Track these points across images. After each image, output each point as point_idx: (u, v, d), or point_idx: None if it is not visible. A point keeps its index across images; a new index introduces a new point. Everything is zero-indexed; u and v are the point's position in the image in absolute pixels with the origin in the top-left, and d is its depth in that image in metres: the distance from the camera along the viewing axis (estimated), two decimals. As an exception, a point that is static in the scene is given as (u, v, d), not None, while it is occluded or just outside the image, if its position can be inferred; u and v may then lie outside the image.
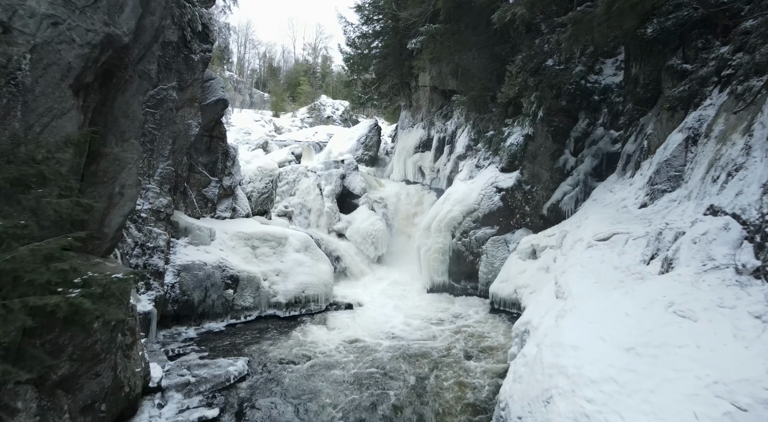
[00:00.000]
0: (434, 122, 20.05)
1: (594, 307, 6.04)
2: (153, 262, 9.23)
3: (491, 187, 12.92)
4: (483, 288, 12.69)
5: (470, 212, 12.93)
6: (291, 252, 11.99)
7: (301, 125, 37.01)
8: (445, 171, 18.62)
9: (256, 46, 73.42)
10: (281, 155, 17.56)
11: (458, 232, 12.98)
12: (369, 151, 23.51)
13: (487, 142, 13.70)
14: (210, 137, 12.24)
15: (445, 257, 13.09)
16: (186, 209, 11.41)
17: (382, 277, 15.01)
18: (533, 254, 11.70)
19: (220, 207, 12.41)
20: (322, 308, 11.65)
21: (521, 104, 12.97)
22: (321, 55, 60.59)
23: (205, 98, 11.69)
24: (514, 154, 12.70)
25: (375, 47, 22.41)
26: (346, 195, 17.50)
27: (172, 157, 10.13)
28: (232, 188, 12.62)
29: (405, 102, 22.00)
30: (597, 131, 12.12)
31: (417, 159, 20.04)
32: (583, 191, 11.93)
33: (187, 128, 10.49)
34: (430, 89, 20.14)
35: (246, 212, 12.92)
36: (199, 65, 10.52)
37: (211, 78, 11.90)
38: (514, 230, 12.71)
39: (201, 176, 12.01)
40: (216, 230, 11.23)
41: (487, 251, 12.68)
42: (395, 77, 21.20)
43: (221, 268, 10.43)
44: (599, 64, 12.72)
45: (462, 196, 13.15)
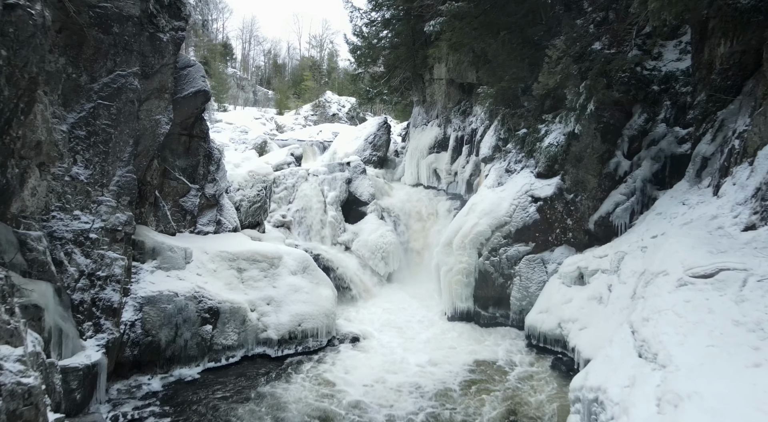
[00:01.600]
0: (451, 119, 17.95)
1: (728, 396, 3.96)
2: (105, 296, 7.21)
3: (525, 196, 10.80)
4: (516, 317, 10.59)
5: (500, 226, 10.81)
6: (285, 275, 9.95)
7: (304, 123, 34.96)
8: (464, 174, 16.55)
9: (261, 43, 71.66)
10: (279, 157, 15.55)
11: (486, 250, 10.87)
12: (377, 151, 21.44)
13: (519, 142, 11.58)
14: (189, 137, 10.22)
15: (469, 280, 10.99)
16: (157, 224, 9.39)
17: (393, 300, 12.94)
18: (580, 279, 9.58)
19: (202, 220, 10.39)
20: (322, 345, 9.60)
21: (562, 97, 10.82)
22: (327, 49, 58.56)
23: (181, 89, 9.67)
24: (554, 156, 10.57)
25: (384, 38, 20.33)
26: (353, 202, 15.44)
27: (135, 161, 8.11)
28: (216, 196, 10.59)
29: (418, 97, 19.90)
30: (657, 128, 9.95)
31: (432, 161, 17.95)
32: (640, 202, 9.77)
33: (155, 125, 8.47)
34: (446, 83, 18.03)
35: (233, 225, 10.89)
36: (169, 47, 8.49)
37: (189, 64, 9.87)
38: (553, 248, 10.59)
39: (178, 184, 9.99)
40: (193, 249, 9.20)
41: (521, 272, 10.57)
42: (407, 69, 19.11)
43: (197, 299, 8.40)
44: (658, 47, 10.56)
45: (490, 206, 11.03)
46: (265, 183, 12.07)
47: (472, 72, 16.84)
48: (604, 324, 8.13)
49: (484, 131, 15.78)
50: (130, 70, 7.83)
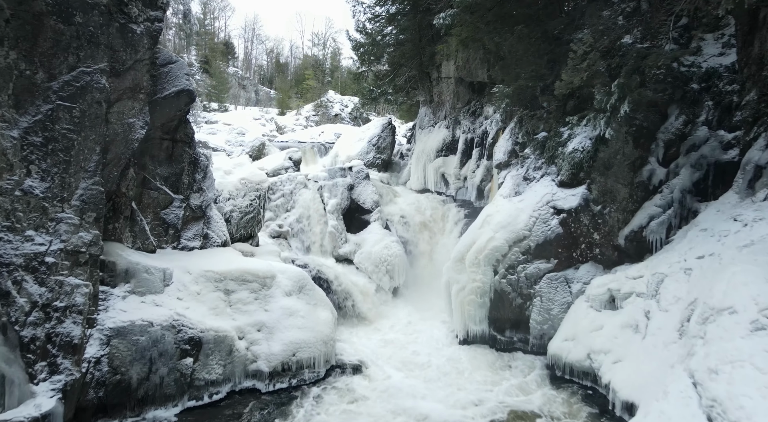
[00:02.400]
0: (460, 121, 16.87)
1: None
2: (63, 330, 6.17)
3: (546, 207, 9.69)
4: (536, 343, 9.48)
5: (518, 241, 9.71)
6: (279, 297, 8.88)
7: (306, 124, 33.87)
8: (475, 180, 15.49)
9: (263, 42, 70.72)
10: (276, 161, 14.49)
11: (502, 267, 9.77)
12: (381, 154, 20.35)
13: (538, 146, 10.48)
14: (171, 142, 9.16)
15: (484, 300, 9.89)
16: (134, 240, 8.33)
17: (399, 318, 11.85)
18: (611, 303, 8.48)
19: (187, 234, 9.33)
20: (320, 376, 8.54)
21: (587, 96, 9.72)
22: (330, 46, 57.47)
23: (162, 89, 8.62)
24: (579, 163, 9.47)
25: (389, 34, 19.26)
26: (355, 210, 14.36)
27: (104, 171, 7.06)
28: (203, 208, 9.53)
29: (425, 97, 18.81)
30: (698, 131, 8.82)
31: (439, 165, 16.86)
32: (678, 215, 8.66)
33: (128, 129, 7.41)
34: (455, 81, 16.95)
35: (222, 239, 9.83)
36: (144, 40, 7.42)
37: (171, 61, 8.81)
38: (577, 266, 9.48)
39: (159, 194, 8.94)
40: (174, 269, 8.14)
41: (542, 292, 9.47)
42: (413, 68, 18.02)
43: (176, 328, 7.34)
44: (696, 40, 9.43)
45: (507, 218, 9.93)
46: (258, 192, 11.00)
47: (483, 70, 15.77)
48: (645, 359, 7.03)
49: (496, 134, 14.69)
50: (97, 67, 6.76)
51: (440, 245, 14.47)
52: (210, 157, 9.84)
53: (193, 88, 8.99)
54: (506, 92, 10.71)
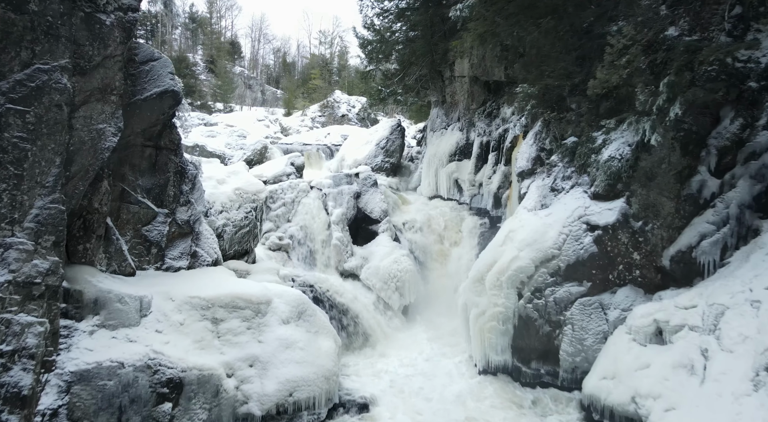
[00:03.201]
0: (475, 123, 15.73)
1: None
2: (9, 379, 5.14)
3: (578, 223, 8.54)
4: (567, 377, 8.34)
5: (546, 261, 8.57)
6: (275, 325, 7.82)
7: (311, 125, 32.79)
8: (491, 186, 14.35)
9: (270, 41, 69.92)
10: (277, 167, 13.45)
11: (527, 290, 8.64)
12: (390, 157, 19.25)
13: (567, 153, 9.33)
14: (155, 149, 8.13)
15: (507, 327, 8.76)
16: (109, 262, 7.30)
17: (410, 341, 10.77)
18: (658, 336, 7.31)
19: (172, 253, 8.30)
20: (321, 418, 7.49)
21: (625, 97, 8.57)
22: (337, 45, 56.42)
23: (142, 89, 7.58)
24: (616, 173, 8.31)
25: (398, 30, 18.14)
26: (362, 220, 13.28)
27: (67, 186, 6.03)
28: (191, 223, 8.49)
29: (436, 97, 17.68)
30: (758, 136, 7.63)
31: (452, 170, 15.73)
32: (736, 234, 7.48)
33: (97, 136, 6.37)
34: (469, 80, 15.81)
35: (213, 257, 8.79)
36: (115, 33, 6.38)
37: (152, 58, 7.76)
38: (614, 289, 8.33)
39: (140, 208, 7.90)
40: (154, 296, 7.10)
41: (573, 320, 8.32)
42: (424, 66, 16.88)
43: (152, 368, 6.29)
44: (753, 32, 8.23)
45: (532, 235, 8.79)
46: (255, 203, 9.94)
47: (500, 68, 14.62)
48: (707, 411, 5.88)
49: (515, 137, 13.56)
50: (57, 64, 5.73)
51: (454, 256, 13.35)
52: (199, 165, 8.80)
53: (179, 89, 7.94)
54: (531, 92, 9.55)
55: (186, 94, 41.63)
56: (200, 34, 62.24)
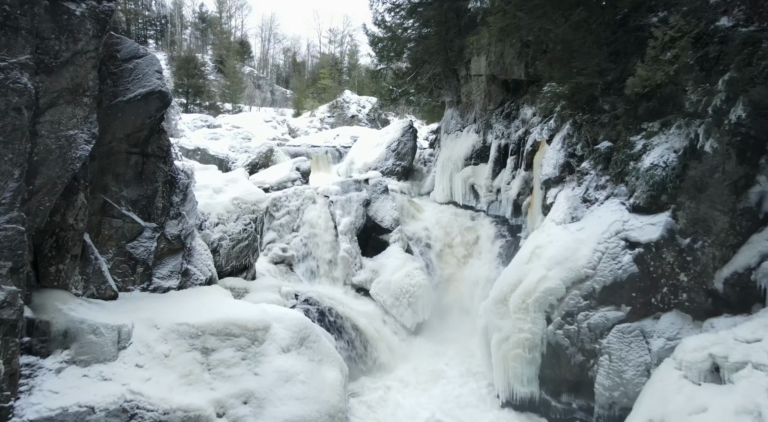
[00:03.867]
0: (492, 124, 14.76)
1: None
2: (-47, 436, 4.31)
3: (616, 239, 7.56)
4: (604, 413, 7.36)
5: (579, 282, 7.60)
6: (273, 354, 6.95)
7: (320, 126, 31.92)
8: (510, 192, 13.39)
9: (280, 41, 69.36)
10: (281, 173, 12.60)
11: (557, 314, 7.69)
12: (402, 160, 18.33)
13: (600, 160, 8.35)
14: (142, 156, 7.30)
15: (534, 355, 7.81)
16: (86, 284, 6.48)
17: (424, 365, 9.85)
18: (714, 373, 6.30)
19: (161, 272, 7.47)
20: (324, 463, 6.58)
21: (669, 96, 7.59)
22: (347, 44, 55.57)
23: (125, 90, 6.76)
24: (660, 182, 7.32)
25: (411, 27, 17.23)
26: (371, 229, 12.39)
27: (29, 202, 5.21)
28: (182, 238, 7.66)
29: (451, 97, 16.73)
30: (830, 143, 6.62)
31: (468, 175, 14.77)
32: (803, 256, 6.47)
33: (67, 144, 5.54)
34: (486, 79, 14.85)
35: (207, 275, 7.95)
36: (86, 25, 5.54)
37: (137, 55, 6.93)
38: (657, 315, 7.34)
39: (125, 223, 7.08)
40: (136, 324, 6.27)
41: (610, 349, 7.35)
42: (438, 64, 15.94)
43: (128, 412, 5.45)
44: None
45: (563, 252, 7.82)
46: (255, 214, 9.09)
47: (520, 66, 13.66)
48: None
49: (536, 140, 12.59)
50: (15, 60, 4.91)
51: (471, 269, 12.41)
52: (192, 174, 7.96)
53: (167, 90, 7.10)
54: (560, 92, 8.57)
55: (194, 94, 41.12)
56: (210, 34, 61.85)
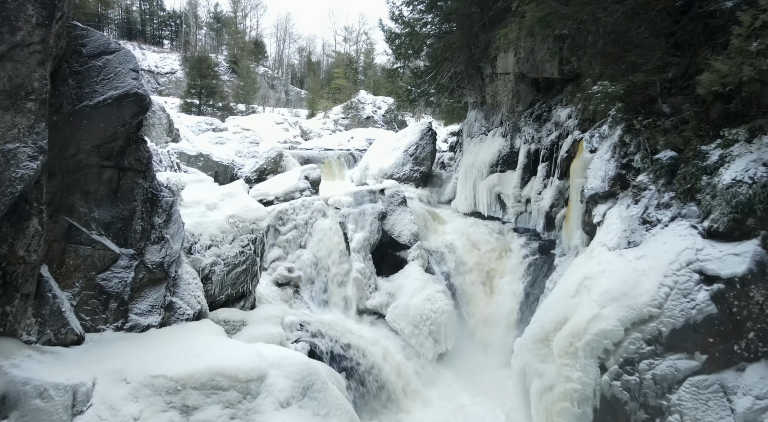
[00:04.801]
0: (521, 128, 13.41)
1: None
2: None
3: (687, 271, 6.18)
4: (672, 488, 6.00)
5: (640, 323, 6.24)
6: (270, 410, 5.75)
7: (334, 128, 30.71)
8: (542, 203, 12.07)
9: (295, 40, 68.65)
10: (287, 183, 11.43)
11: (614, 361, 6.34)
12: (420, 166, 17.07)
13: (664, 173, 6.97)
14: (117, 171, 6.16)
15: (584, 410, 6.47)
16: (41, 329, 5.34)
17: (447, 405, 8.56)
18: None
19: (139, 307, 6.32)
20: None
21: (753, 97, 6.19)
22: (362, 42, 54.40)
23: (93, 92, 5.62)
24: (745, 203, 5.93)
25: (431, 22, 15.95)
26: (388, 245, 11.15)
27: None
28: (164, 266, 6.50)
29: (474, 98, 15.39)
30: None
31: (494, 183, 13.44)
32: None
33: (4, 161, 4.39)
34: (514, 78, 13.50)
35: (195, 308, 6.79)
36: (27, 10, 4.35)
37: (108, 50, 5.79)
38: (742, 366, 5.93)
39: (95, 250, 5.95)
40: (99, 378, 5.11)
41: (682, 407, 5.97)
42: (460, 62, 14.62)
43: None
44: None
45: (619, 285, 6.47)
46: (254, 234, 7.90)
47: (552, 63, 12.32)
48: None
49: (573, 145, 11.25)
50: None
51: (500, 290, 11.09)
52: (178, 190, 6.80)
53: (145, 92, 5.95)
54: (613, 92, 7.19)
55: (207, 95, 40.36)
56: (225, 34, 61.32)
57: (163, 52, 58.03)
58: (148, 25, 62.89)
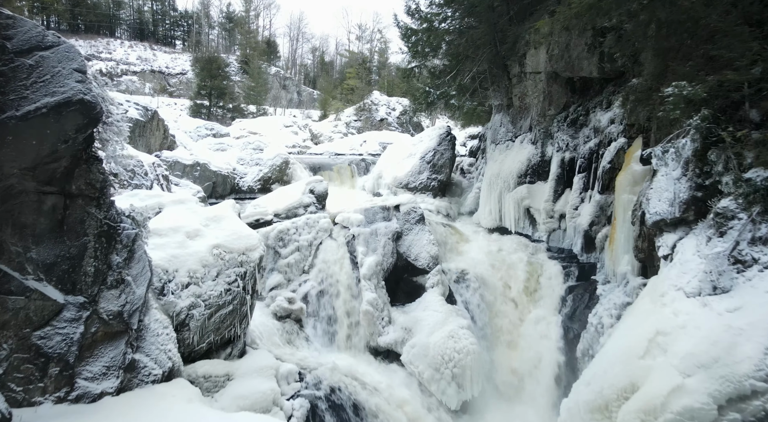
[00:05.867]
0: (553, 133, 11.92)
1: None
2: None
3: (804, 332, 4.67)
4: None
5: (740, 399, 4.74)
6: None
7: (346, 131, 29.27)
8: (579, 220, 10.62)
9: (308, 40, 67.55)
10: (290, 197, 10.04)
11: (703, 449, 4.84)
12: (438, 173, 15.62)
13: (758, 198, 5.44)
14: (63, 198, 4.86)
15: None
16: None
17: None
18: None
19: (91, 369, 5.00)
20: None
21: None
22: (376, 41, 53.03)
23: (23, 99, 4.32)
24: None
25: (450, 17, 14.50)
26: (403, 269, 9.74)
27: None
28: (125, 316, 5.17)
29: (500, 100, 13.89)
30: None
31: (522, 195, 11.94)
32: None
33: None
34: (546, 78, 11.99)
35: (165, 366, 5.45)
36: None
37: (42, 45, 4.45)
38: None
39: (29, 301, 4.65)
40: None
41: None
42: (484, 60, 13.13)
43: None
44: None
45: (707, 347, 4.97)
46: (243, 267, 6.54)
47: (591, 60, 10.86)
48: None
49: (617, 154, 9.80)
50: None
51: (534, 322, 9.60)
52: (145, 221, 5.44)
53: (94, 98, 4.61)
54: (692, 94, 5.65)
55: (217, 96, 39.28)
56: (237, 34, 60.43)
57: (174, 52, 57.32)
58: (160, 26, 62.27)
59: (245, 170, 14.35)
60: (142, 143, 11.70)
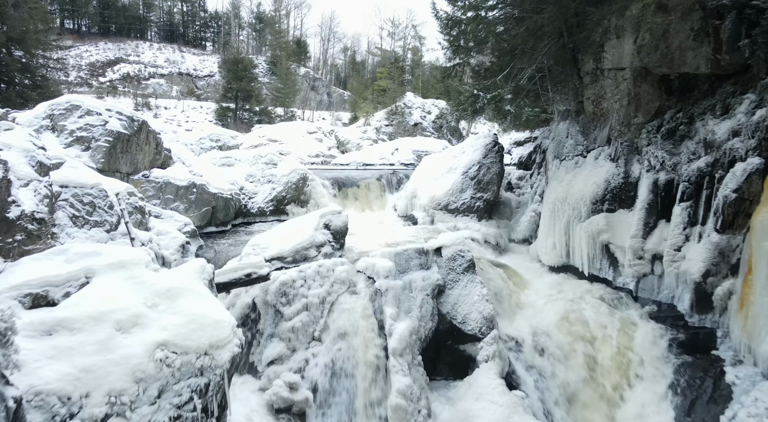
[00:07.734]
0: (641, 148, 9.21)
1: None
2: None
3: None
4: None
5: None
6: None
7: (376, 137, 26.68)
8: (685, 267, 8.00)
9: (340, 40, 65.64)
10: (299, 235, 7.62)
11: None
12: (484, 192, 13.01)
13: None
14: None
15: None
16: None
17: None
18: None
19: None
20: None
21: None
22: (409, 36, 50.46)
23: None
24: None
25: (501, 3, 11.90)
26: (446, 334, 7.23)
27: None
28: None
29: (566, 105, 11.16)
30: None
31: (599, 228, 9.23)
32: None
33: None
34: (632, 75, 9.26)
35: None
36: None
37: None
38: None
39: None
40: None
41: None
42: (546, 54, 10.44)
43: None
44: None
45: None
46: (204, 376, 4.15)
47: (699, 51, 8.16)
48: None
49: (750, 178, 7.10)
50: None
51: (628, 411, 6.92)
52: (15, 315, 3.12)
53: None
54: None
55: (243, 99, 37.62)
56: (267, 35, 59.05)
57: (203, 54, 56.33)
58: (190, 27, 61.51)
59: (255, 188, 12.12)
60: (126, 160, 9.59)
